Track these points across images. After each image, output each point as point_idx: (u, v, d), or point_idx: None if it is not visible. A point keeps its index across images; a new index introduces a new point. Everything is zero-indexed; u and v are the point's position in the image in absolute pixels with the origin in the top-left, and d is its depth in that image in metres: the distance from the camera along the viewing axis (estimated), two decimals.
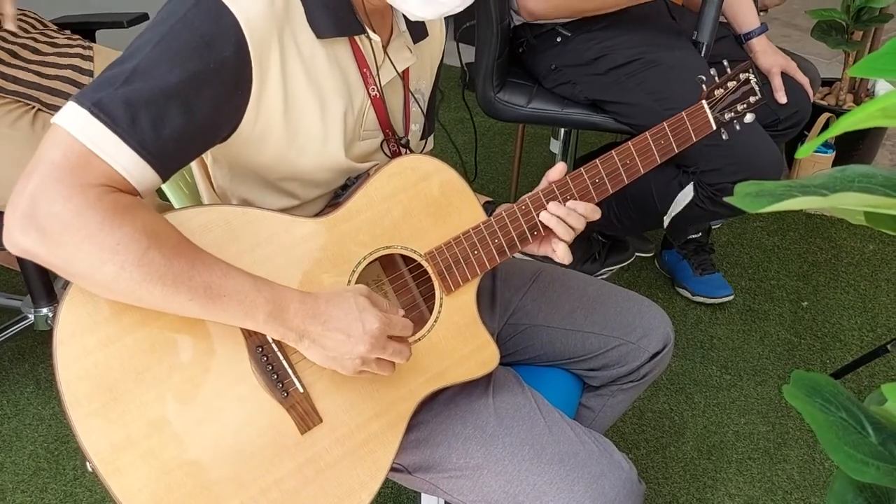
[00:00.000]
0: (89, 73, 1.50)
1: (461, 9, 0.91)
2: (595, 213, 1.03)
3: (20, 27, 1.51)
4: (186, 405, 0.85)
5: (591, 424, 1.24)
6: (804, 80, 1.80)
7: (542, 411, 1.02)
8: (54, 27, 1.59)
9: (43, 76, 1.47)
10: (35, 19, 1.58)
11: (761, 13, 2.01)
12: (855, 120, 0.38)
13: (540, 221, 1.02)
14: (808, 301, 2.17)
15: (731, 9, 1.89)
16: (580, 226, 1.02)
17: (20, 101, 1.44)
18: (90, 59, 1.52)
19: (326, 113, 0.92)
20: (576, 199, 1.02)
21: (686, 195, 1.39)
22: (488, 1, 1.75)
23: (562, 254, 1.02)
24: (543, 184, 1.03)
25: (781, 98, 1.75)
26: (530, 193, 1.02)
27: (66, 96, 1.47)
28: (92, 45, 1.56)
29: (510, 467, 0.97)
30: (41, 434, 1.71)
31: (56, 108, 1.41)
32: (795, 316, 2.12)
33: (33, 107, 1.44)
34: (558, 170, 1.03)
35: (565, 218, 1.01)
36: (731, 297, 2.12)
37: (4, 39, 1.48)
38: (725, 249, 2.36)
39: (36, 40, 1.53)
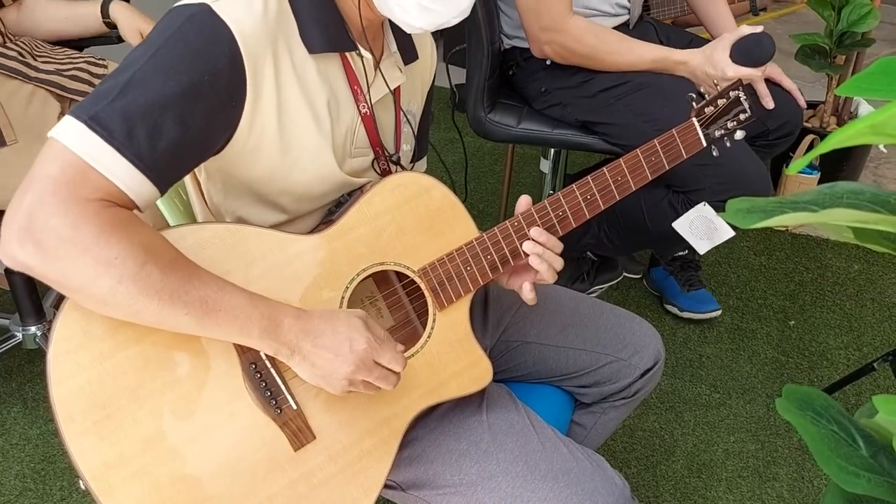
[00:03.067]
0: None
1: (457, 21, 0.92)
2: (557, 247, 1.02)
3: (23, 47, 1.55)
4: (180, 422, 0.85)
5: (582, 442, 1.24)
6: (792, 86, 1.74)
7: (536, 428, 1.03)
8: (49, 45, 1.61)
9: (62, 65, 1.54)
10: (32, 40, 1.60)
11: (761, 11, 2.02)
12: (845, 136, 0.39)
13: (522, 250, 1.01)
14: (794, 320, 2.19)
15: (713, 22, 1.91)
16: (557, 265, 1.01)
17: (43, 88, 1.49)
18: (104, 66, 1.57)
19: (320, 126, 0.93)
20: (567, 216, 1.03)
21: (725, 231, 1.37)
22: (480, 23, 1.77)
23: (527, 292, 1.02)
24: (523, 207, 1.03)
25: (769, 104, 1.64)
26: (523, 211, 1.03)
27: (87, 83, 1.52)
28: (104, 59, 1.60)
29: (504, 484, 0.97)
30: (28, 454, 1.69)
31: (79, 94, 1.49)
32: (783, 335, 2.13)
33: (59, 107, 1.50)
34: (524, 203, 1.03)
35: (543, 252, 1.00)
36: (719, 312, 2.13)
37: (16, 45, 1.54)
38: (713, 269, 2.38)
39: (45, 49, 1.59)
